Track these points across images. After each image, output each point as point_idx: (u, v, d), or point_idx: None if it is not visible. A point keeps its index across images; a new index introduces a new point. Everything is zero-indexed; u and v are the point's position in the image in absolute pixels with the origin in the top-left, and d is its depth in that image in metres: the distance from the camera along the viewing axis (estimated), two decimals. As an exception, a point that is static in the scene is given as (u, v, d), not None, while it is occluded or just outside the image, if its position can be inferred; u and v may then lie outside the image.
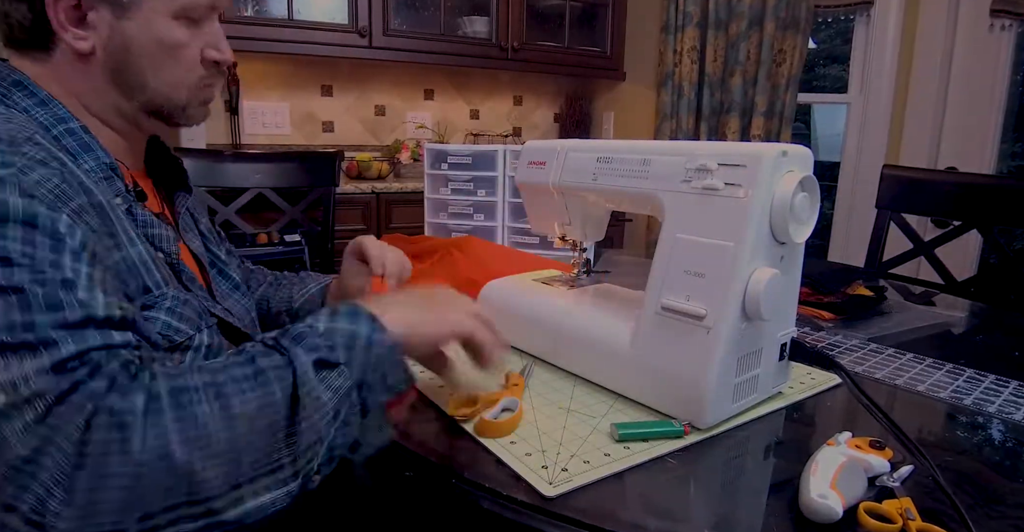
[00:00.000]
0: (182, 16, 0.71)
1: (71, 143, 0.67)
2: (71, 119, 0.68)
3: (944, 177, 1.73)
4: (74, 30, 0.67)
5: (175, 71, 0.73)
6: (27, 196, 0.54)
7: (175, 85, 0.73)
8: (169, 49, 0.71)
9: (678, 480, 0.61)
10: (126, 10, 0.68)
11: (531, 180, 0.95)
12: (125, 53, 0.69)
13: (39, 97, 0.68)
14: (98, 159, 0.68)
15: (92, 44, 0.68)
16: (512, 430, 0.68)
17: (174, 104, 0.74)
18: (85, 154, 0.67)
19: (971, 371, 0.90)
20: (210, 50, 0.74)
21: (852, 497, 0.55)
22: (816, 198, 0.72)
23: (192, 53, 0.73)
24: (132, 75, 0.71)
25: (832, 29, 3.73)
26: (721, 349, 0.67)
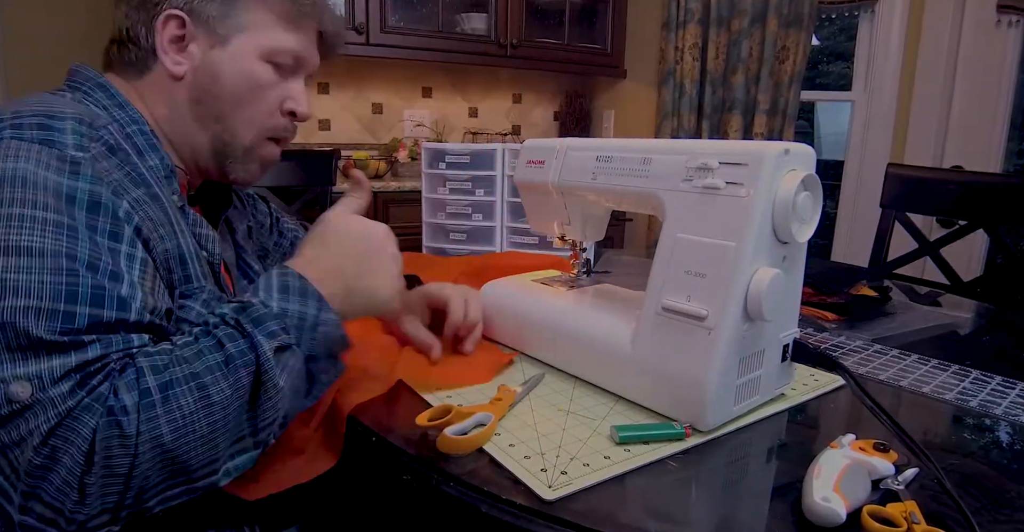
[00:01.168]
0: (269, 59, 0.77)
1: (141, 141, 0.72)
2: (143, 123, 0.73)
3: (949, 176, 1.73)
4: (174, 56, 0.75)
5: (254, 109, 0.78)
6: (97, 181, 0.60)
7: (249, 123, 0.78)
8: (252, 86, 0.77)
9: (679, 483, 0.61)
10: (221, 42, 0.75)
11: (530, 179, 0.95)
12: (211, 81, 0.76)
13: (118, 100, 0.73)
14: (162, 159, 0.73)
15: (186, 70, 0.76)
16: (475, 447, 0.65)
17: (239, 143, 0.79)
18: (152, 152, 0.72)
19: (977, 372, 0.90)
20: (290, 101, 0.81)
21: (856, 500, 0.55)
22: (819, 197, 0.72)
23: (273, 97, 0.79)
24: (212, 102, 0.76)
25: (836, 25, 3.73)
26: (723, 350, 0.67)
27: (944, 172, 1.92)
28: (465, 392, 0.79)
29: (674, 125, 2.91)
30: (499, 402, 0.74)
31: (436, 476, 0.62)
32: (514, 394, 0.76)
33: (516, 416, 0.73)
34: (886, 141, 2.66)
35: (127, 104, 0.73)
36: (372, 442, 0.69)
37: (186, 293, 0.70)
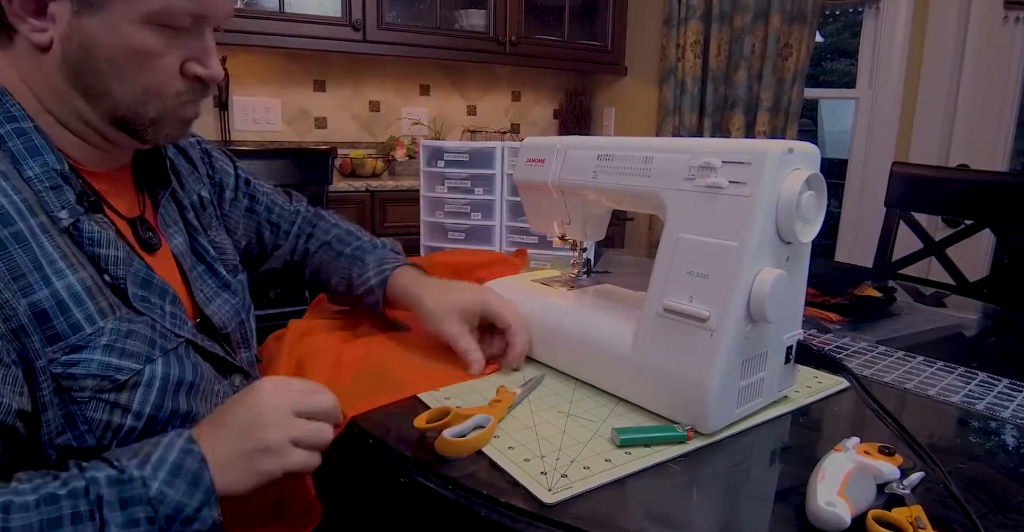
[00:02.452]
0: (154, 22, 0.64)
1: (17, 145, 0.63)
2: (24, 118, 0.64)
3: (955, 174, 1.73)
4: (32, 21, 0.62)
5: (144, 81, 0.66)
6: None
7: (144, 97, 0.67)
8: (135, 56, 0.65)
9: (681, 486, 0.61)
10: (89, 6, 0.62)
11: (530, 178, 0.95)
12: (84, 53, 0.64)
13: None
14: (46, 165, 0.63)
15: (50, 37, 0.63)
16: (473, 449, 0.65)
17: (142, 118, 0.69)
18: (31, 159, 0.63)
19: (984, 375, 0.90)
20: (192, 63, 0.69)
21: (861, 505, 0.55)
22: (823, 196, 0.72)
23: (167, 64, 0.67)
24: (92, 79, 0.65)
25: (840, 22, 3.73)
26: (725, 352, 0.67)
27: (949, 171, 1.92)
28: (463, 394, 0.79)
29: (675, 123, 2.91)
30: (498, 404, 0.73)
31: (434, 479, 0.62)
32: (513, 396, 0.76)
33: (515, 418, 0.73)
34: (891, 139, 2.66)
35: (3, 94, 0.63)
36: (369, 444, 0.69)
37: (78, 345, 0.61)
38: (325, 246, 1.02)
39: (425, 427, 0.67)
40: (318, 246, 1.02)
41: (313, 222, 1.05)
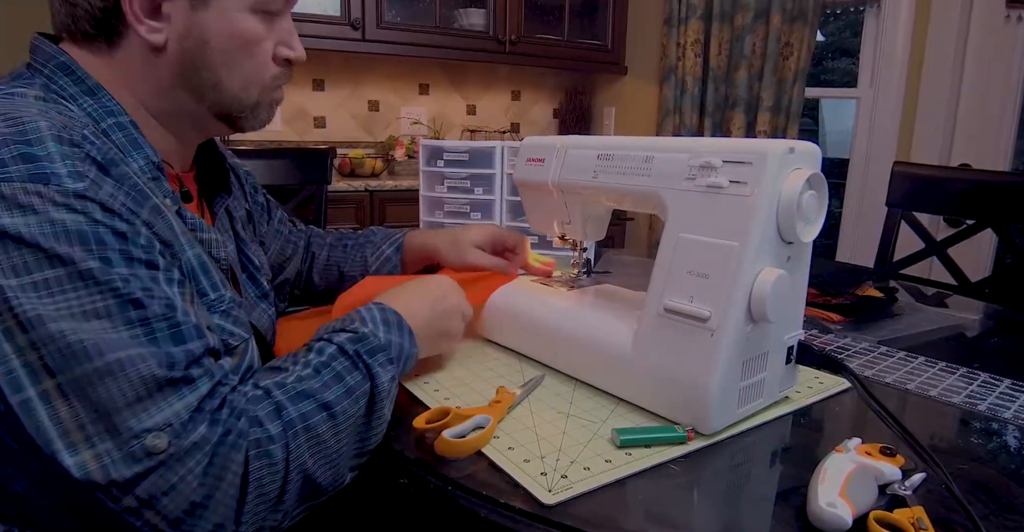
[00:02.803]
0: (259, 10, 0.69)
1: (120, 139, 0.65)
2: (121, 112, 0.66)
3: (957, 174, 1.73)
4: (148, 22, 0.65)
5: (248, 68, 0.70)
6: (109, 214, 0.56)
7: (247, 84, 0.71)
8: (245, 44, 0.69)
9: (681, 487, 0.61)
10: (203, 1, 0.66)
11: (530, 178, 0.95)
12: (201, 48, 0.67)
13: (87, 85, 0.65)
14: (147, 158, 0.66)
15: (165, 37, 0.66)
16: (473, 450, 0.65)
17: (243, 105, 0.72)
18: (134, 151, 0.65)
19: (985, 375, 0.90)
20: (283, 47, 0.73)
21: (862, 506, 0.55)
22: (824, 196, 0.72)
23: (267, 49, 0.71)
24: (206, 72, 0.68)
25: (841, 21, 3.74)
26: (726, 352, 0.67)
27: (951, 170, 1.92)
28: (463, 394, 0.79)
29: (676, 123, 2.91)
30: (498, 404, 0.73)
31: (433, 480, 0.62)
32: (513, 396, 0.76)
33: (515, 419, 0.73)
34: (892, 139, 2.66)
35: (98, 89, 0.65)
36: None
37: (208, 304, 0.68)
38: (329, 247, 1.11)
39: (425, 428, 0.67)
40: (322, 249, 1.11)
41: (311, 233, 1.14)
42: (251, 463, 0.55)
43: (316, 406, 0.61)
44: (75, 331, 0.51)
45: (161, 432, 0.52)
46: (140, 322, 0.54)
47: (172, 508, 0.53)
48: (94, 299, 0.53)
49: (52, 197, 0.53)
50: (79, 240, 0.53)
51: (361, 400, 0.64)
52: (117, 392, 0.52)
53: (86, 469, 0.51)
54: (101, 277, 0.53)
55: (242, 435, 0.56)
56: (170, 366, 0.54)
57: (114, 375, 0.52)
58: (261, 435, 0.57)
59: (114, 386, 0.52)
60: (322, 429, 0.60)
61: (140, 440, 0.52)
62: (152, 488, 0.52)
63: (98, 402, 0.51)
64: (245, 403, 0.58)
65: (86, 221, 0.54)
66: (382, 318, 0.71)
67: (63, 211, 0.53)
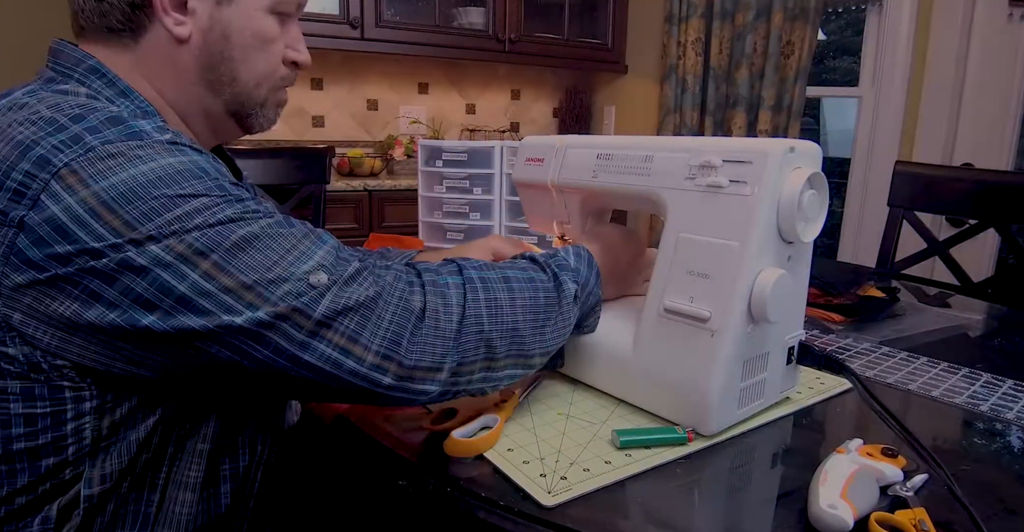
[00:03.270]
0: (276, 11, 0.73)
1: None
2: (154, 114, 0.68)
3: (959, 174, 1.73)
4: (175, 15, 0.68)
5: (261, 65, 0.74)
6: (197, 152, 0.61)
7: (260, 81, 0.75)
8: (262, 42, 0.73)
9: (682, 489, 0.61)
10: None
11: (529, 177, 0.95)
12: (223, 42, 0.71)
13: (119, 87, 0.67)
14: None
15: (190, 30, 0.69)
16: (483, 450, 0.66)
17: (254, 102, 0.76)
18: None
19: (988, 376, 0.90)
20: (290, 50, 0.77)
21: (863, 507, 0.55)
22: (825, 196, 0.72)
23: (279, 50, 0.75)
24: (225, 66, 0.72)
25: (843, 19, 3.74)
26: (726, 353, 0.67)
27: (954, 170, 1.92)
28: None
29: (676, 122, 2.91)
30: (503, 404, 0.74)
31: (432, 481, 0.62)
32: (517, 396, 0.76)
33: (514, 420, 0.73)
34: (894, 138, 2.66)
35: (130, 91, 0.67)
36: (367, 446, 0.69)
37: None
38: None
39: (432, 428, 0.67)
40: None
41: None
42: (427, 296, 0.63)
43: (498, 277, 0.67)
44: (230, 232, 0.57)
45: (320, 269, 0.59)
46: (269, 215, 0.60)
47: (348, 325, 0.59)
48: (228, 214, 0.57)
49: (151, 148, 0.57)
50: (191, 176, 0.57)
51: (542, 292, 0.69)
52: (271, 251, 0.57)
53: (263, 311, 0.56)
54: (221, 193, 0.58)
55: (408, 272, 0.65)
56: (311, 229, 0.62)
57: (259, 238, 0.57)
58: (437, 279, 0.64)
59: (273, 244, 0.58)
60: (500, 295, 0.66)
61: (303, 280, 0.57)
62: (328, 310, 0.58)
63: (256, 261, 0.57)
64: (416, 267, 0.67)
65: (189, 160, 0.58)
66: (574, 251, 0.77)
67: (165, 156, 0.57)
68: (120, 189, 0.54)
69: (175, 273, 0.54)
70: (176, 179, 0.56)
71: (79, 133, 0.55)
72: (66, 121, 0.56)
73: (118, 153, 0.55)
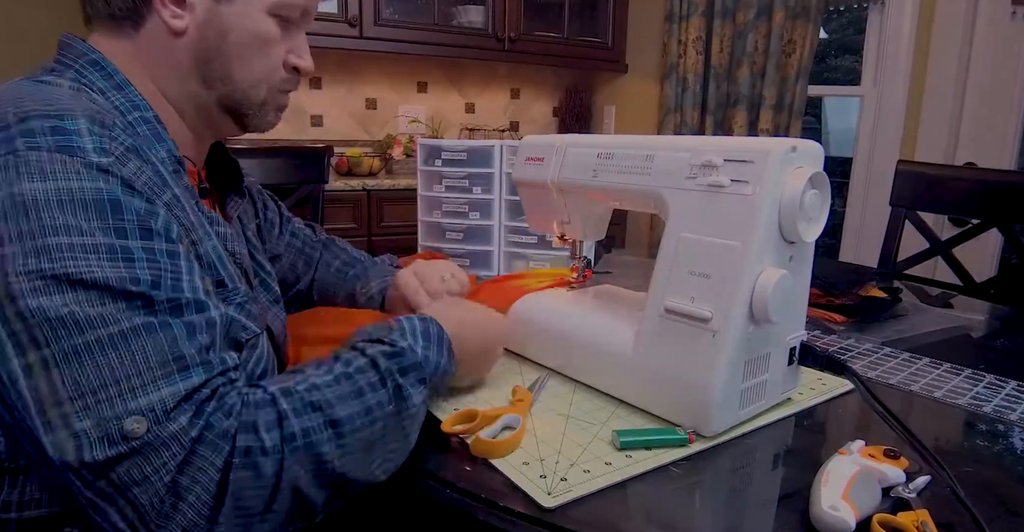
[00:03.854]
0: (277, 14, 0.73)
1: (144, 131, 0.68)
2: (146, 107, 0.69)
3: (962, 173, 1.73)
4: (172, 7, 0.69)
5: (260, 67, 0.74)
6: (128, 189, 0.57)
7: (257, 81, 0.75)
8: (260, 43, 0.73)
9: (682, 490, 0.61)
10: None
11: (529, 177, 0.95)
12: (219, 38, 0.71)
13: (115, 80, 0.68)
14: (169, 151, 0.69)
15: (187, 24, 0.70)
16: (512, 450, 0.66)
17: (251, 101, 0.76)
18: (157, 144, 0.68)
19: (991, 377, 0.90)
20: (293, 56, 0.77)
21: (865, 509, 0.55)
22: (827, 195, 0.72)
23: (279, 53, 0.76)
24: (219, 62, 0.72)
25: (844, 18, 3.74)
26: (727, 353, 0.67)
27: (956, 169, 1.92)
28: (462, 395, 0.79)
29: (677, 121, 2.91)
30: (520, 403, 0.74)
31: (432, 482, 0.62)
32: (530, 395, 0.77)
33: (514, 421, 0.73)
34: (896, 137, 2.66)
35: (126, 85, 0.69)
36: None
37: (224, 296, 0.68)
38: (336, 270, 1.10)
39: (454, 430, 0.68)
40: (329, 267, 1.10)
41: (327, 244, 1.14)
42: (234, 472, 0.52)
43: (323, 421, 0.57)
44: (67, 303, 0.51)
45: (142, 416, 0.51)
46: (143, 301, 0.54)
47: (143, 500, 0.51)
48: (94, 271, 0.52)
49: (76, 167, 0.54)
50: (95, 209, 0.54)
51: (379, 422, 0.60)
52: (105, 368, 0.51)
53: (61, 449, 0.50)
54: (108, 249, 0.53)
55: (225, 437, 0.53)
56: (166, 349, 0.53)
57: (104, 351, 0.51)
58: (253, 443, 0.53)
59: (103, 361, 0.51)
60: (326, 448, 0.56)
61: (120, 422, 0.50)
62: (125, 475, 0.50)
63: (83, 378, 0.50)
64: (242, 404, 0.55)
65: (106, 192, 0.55)
66: (422, 330, 0.69)
67: (84, 180, 0.54)
68: (15, 200, 0.52)
69: None
70: (76, 206, 0.53)
71: (13, 134, 0.54)
72: (13, 119, 0.56)
73: (35, 162, 0.53)
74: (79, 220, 0.53)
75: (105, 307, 0.52)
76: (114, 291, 0.52)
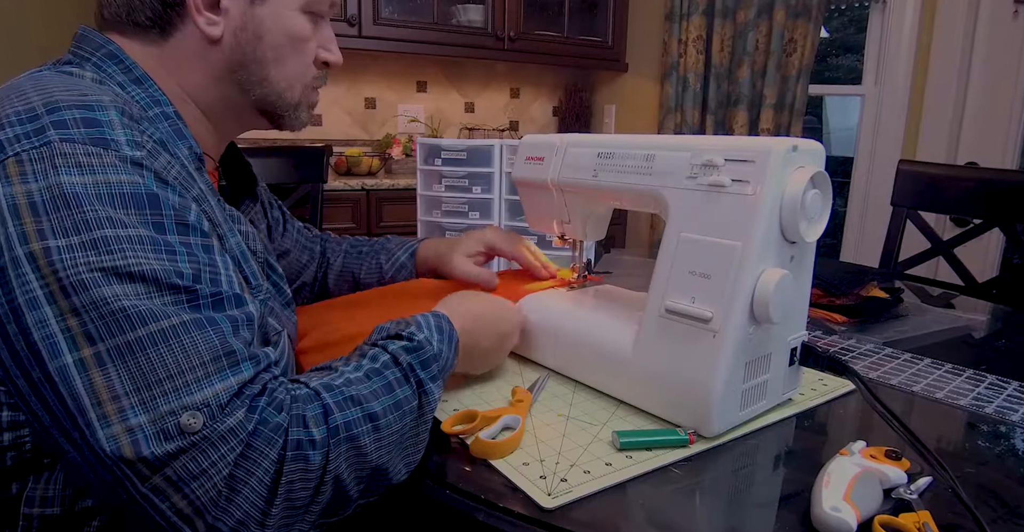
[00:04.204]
0: (308, 10, 0.73)
1: (165, 128, 0.67)
2: (167, 103, 0.68)
3: (964, 173, 1.73)
4: (208, 14, 0.68)
5: (295, 66, 0.74)
6: (162, 183, 0.57)
7: (292, 81, 0.75)
8: (295, 42, 0.73)
9: (683, 491, 0.61)
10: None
11: (529, 176, 0.95)
12: (256, 42, 0.71)
13: (135, 74, 0.67)
14: (190, 148, 0.68)
15: (222, 30, 0.69)
16: (511, 450, 0.66)
17: (286, 102, 0.76)
18: (179, 141, 0.67)
19: (993, 377, 0.90)
20: (322, 51, 0.77)
21: (867, 510, 0.55)
22: (828, 195, 0.72)
23: (312, 50, 0.75)
24: (256, 66, 0.72)
25: (846, 17, 3.74)
26: (728, 354, 0.67)
27: (958, 169, 1.92)
28: (462, 396, 0.79)
29: (677, 120, 2.91)
30: (520, 403, 0.74)
31: (431, 483, 0.62)
32: (530, 395, 0.77)
33: (514, 422, 0.73)
34: (897, 137, 2.66)
35: (145, 79, 0.67)
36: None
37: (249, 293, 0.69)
38: (344, 253, 1.12)
39: (453, 431, 0.68)
40: (337, 255, 1.12)
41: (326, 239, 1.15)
42: (287, 464, 0.53)
43: (363, 415, 0.58)
44: (119, 297, 0.51)
45: (198, 411, 0.51)
46: (187, 292, 0.54)
47: (200, 494, 0.51)
48: (142, 264, 0.52)
49: (111, 160, 0.54)
50: (133, 203, 0.54)
51: (408, 416, 0.62)
52: (159, 363, 0.51)
53: (117, 443, 0.50)
54: (151, 242, 0.54)
55: (279, 431, 0.53)
56: (217, 344, 0.54)
57: (157, 346, 0.51)
58: (303, 436, 0.54)
59: (156, 357, 0.51)
60: (365, 441, 0.57)
61: (176, 417, 0.50)
62: (182, 469, 0.50)
63: (138, 372, 0.51)
64: (290, 399, 0.56)
65: (143, 186, 0.55)
66: (436, 325, 0.70)
67: (121, 174, 0.54)
68: (54, 193, 0.52)
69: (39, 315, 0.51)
70: (115, 200, 0.53)
71: (44, 125, 0.54)
72: (42, 109, 0.55)
73: (70, 154, 0.53)
74: (119, 213, 0.53)
75: (155, 301, 0.52)
76: (161, 284, 0.53)
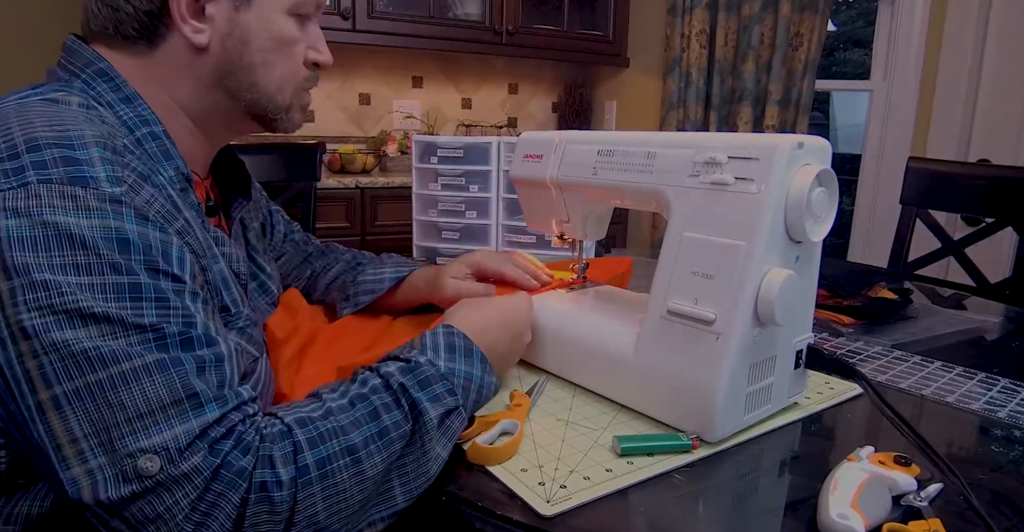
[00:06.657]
0: (295, 12, 0.73)
1: (153, 148, 0.68)
2: (155, 121, 0.69)
3: (975, 170, 1.73)
4: (193, 22, 0.68)
5: (284, 69, 0.75)
6: (142, 220, 0.57)
7: (282, 85, 0.75)
8: (283, 45, 0.73)
9: (686, 498, 0.61)
10: (245, 2, 0.70)
11: (527, 174, 0.95)
12: (242, 48, 0.71)
13: (124, 93, 0.68)
14: (177, 169, 0.69)
15: (208, 38, 0.70)
16: (509, 456, 0.66)
17: (277, 106, 0.76)
18: (165, 162, 0.68)
19: (1006, 381, 0.90)
20: (312, 51, 0.77)
21: (875, 517, 0.55)
22: (835, 193, 0.72)
23: (299, 51, 0.76)
24: (245, 72, 0.72)
25: (853, 10, 3.74)
26: (732, 356, 0.67)
27: (969, 166, 1.92)
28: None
29: (680, 117, 2.91)
30: (518, 408, 0.74)
31: (428, 490, 0.62)
32: (528, 400, 0.77)
33: (512, 427, 0.73)
34: (907, 133, 2.66)
35: (135, 97, 0.68)
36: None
37: (227, 321, 0.70)
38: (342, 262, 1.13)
39: None
40: (336, 263, 1.13)
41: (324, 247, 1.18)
42: (250, 507, 0.52)
43: (340, 449, 0.57)
44: (80, 339, 0.51)
45: (155, 454, 0.51)
46: (154, 336, 0.54)
47: None
48: (105, 305, 0.52)
49: (88, 200, 0.54)
50: (105, 245, 0.54)
51: (397, 443, 0.60)
52: (118, 405, 0.51)
53: (78, 486, 0.51)
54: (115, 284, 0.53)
55: (243, 475, 0.53)
56: (179, 386, 0.54)
57: (116, 388, 0.51)
58: (269, 478, 0.53)
59: (115, 399, 0.51)
60: (341, 476, 0.56)
61: (134, 459, 0.51)
62: (139, 513, 0.51)
63: (97, 415, 0.51)
64: (259, 439, 0.55)
65: (117, 226, 0.55)
66: (446, 344, 0.69)
67: (93, 216, 0.54)
68: (23, 233, 0.52)
69: None
70: (86, 241, 0.53)
71: (24, 165, 0.54)
72: (23, 146, 0.55)
73: (45, 195, 0.53)
74: (90, 257, 0.53)
75: (117, 342, 0.52)
76: (127, 325, 0.53)
